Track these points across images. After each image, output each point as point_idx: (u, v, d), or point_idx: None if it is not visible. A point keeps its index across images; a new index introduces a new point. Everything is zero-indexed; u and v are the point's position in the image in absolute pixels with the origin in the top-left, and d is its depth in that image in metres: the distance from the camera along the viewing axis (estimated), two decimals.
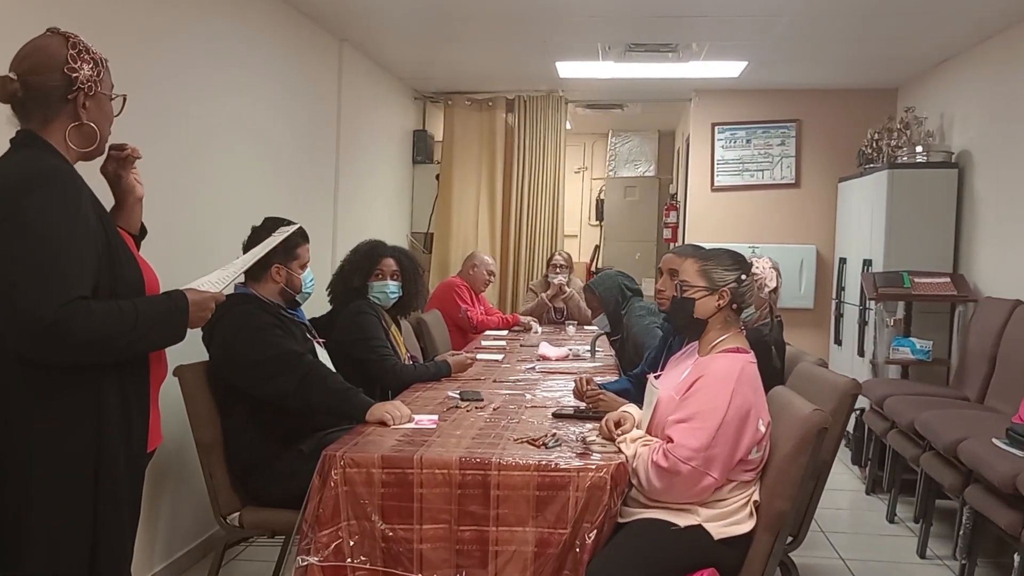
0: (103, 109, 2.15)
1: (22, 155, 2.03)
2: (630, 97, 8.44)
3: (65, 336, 1.91)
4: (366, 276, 4.24)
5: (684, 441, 2.58)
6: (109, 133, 2.19)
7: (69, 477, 2.02)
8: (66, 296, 1.91)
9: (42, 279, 1.90)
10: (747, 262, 2.90)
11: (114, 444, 2.08)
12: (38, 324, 1.89)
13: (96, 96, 2.10)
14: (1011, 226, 5.28)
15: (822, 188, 7.51)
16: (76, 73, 2.05)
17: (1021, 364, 4.53)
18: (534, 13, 5.32)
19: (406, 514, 2.61)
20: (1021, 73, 5.20)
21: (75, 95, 2.06)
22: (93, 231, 2.02)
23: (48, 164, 2.01)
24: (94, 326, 1.95)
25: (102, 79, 2.12)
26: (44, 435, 1.99)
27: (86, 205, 2.03)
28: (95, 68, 2.10)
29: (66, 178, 2.02)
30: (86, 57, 2.08)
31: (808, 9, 5.03)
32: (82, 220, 1.99)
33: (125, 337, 2.02)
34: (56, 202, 1.96)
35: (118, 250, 2.12)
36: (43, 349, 1.94)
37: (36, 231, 1.92)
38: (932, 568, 4.24)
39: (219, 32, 4.32)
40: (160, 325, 2.12)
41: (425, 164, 8.19)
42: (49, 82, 2.04)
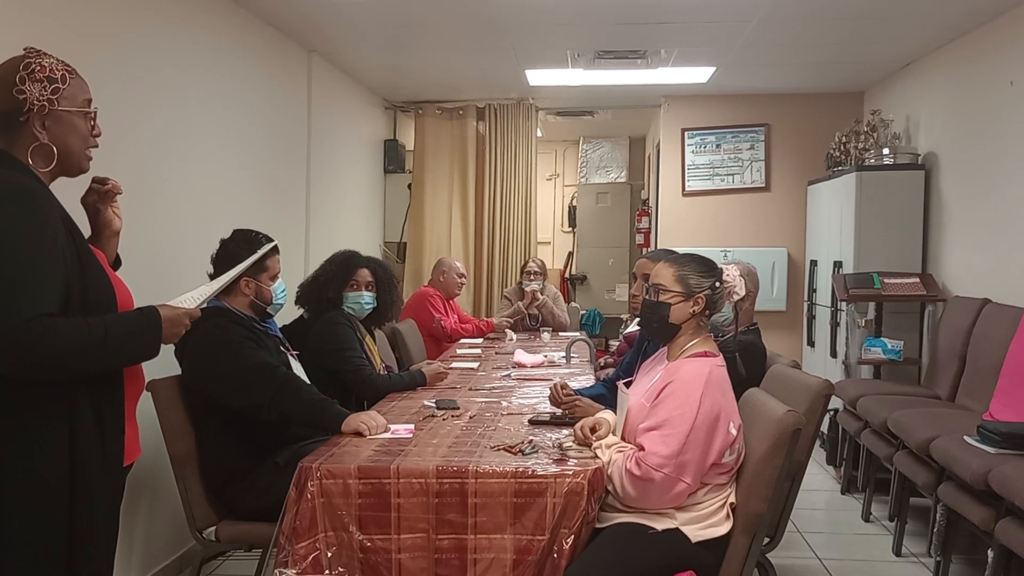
0: (66, 126, 2.11)
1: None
2: (600, 104, 8.48)
3: (31, 352, 1.90)
4: (341, 286, 4.23)
5: (655, 448, 2.58)
6: (83, 149, 2.17)
7: (43, 493, 2.00)
8: (30, 312, 1.90)
9: (6, 295, 1.89)
10: (720, 269, 2.92)
11: (89, 459, 2.06)
12: (3, 340, 1.88)
13: (54, 114, 2.08)
14: (977, 226, 5.35)
15: (792, 191, 7.57)
16: (24, 95, 2.04)
17: (990, 362, 4.58)
18: (502, 21, 5.33)
19: (384, 524, 2.60)
20: (984, 75, 5.28)
21: (26, 116, 2.05)
22: (62, 247, 2.01)
23: (15, 181, 1.99)
24: (60, 342, 1.94)
25: (61, 95, 2.09)
26: (16, 451, 1.97)
27: (55, 221, 2.01)
28: (49, 87, 2.06)
29: (33, 195, 2.00)
30: (38, 76, 2.05)
31: (774, 14, 5.07)
32: (49, 237, 1.98)
33: (94, 353, 2.01)
34: (21, 219, 1.95)
35: (89, 267, 2.11)
36: (8, 365, 1.92)
37: (3, 251, 1.91)
38: (908, 566, 4.28)
39: (187, 43, 4.30)
40: (131, 341, 2.11)
41: (397, 173, 8.18)
42: (3, 105, 2.04)
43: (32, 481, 1.99)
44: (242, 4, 4.89)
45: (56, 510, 2.02)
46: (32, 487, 1.99)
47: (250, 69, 5.07)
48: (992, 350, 4.60)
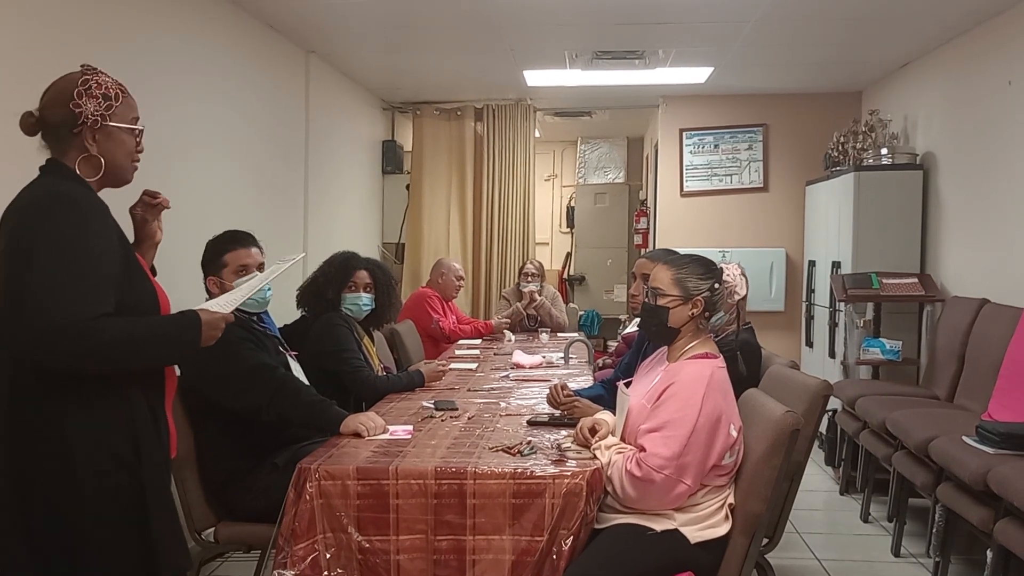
0: (114, 141, 2.23)
1: (49, 182, 2.17)
2: (598, 104, 8.48)
3: (88, 346, 2.01)
4: (339, 288, 4.22)
5: (656, 450, 2.58)
6: (129, 163, 2.30)
7: (118, 483, 2.11)
8: (96, 310, 2.03)
9: (72, 291, 2.01)
10: (719, 270, 2.91)
11: (152, 450, 2.19)
12: (64, 333, 1.98)
13: (104, 129, 2.20)
14: (976, 226, 5.35)
15: (790, 191, 7.57)
16: (80, 109, 2.17)
17: (989, 362, 4.58)
18: (500, 22, 5.33)
19: (382, 525, 2.60)
20: (981, 75, 5.28)
21: (80, 129, 2.18)
22: (113, 251, 2.14)
23: (68, 187, 2.14)
24: (110, 340, 2.04)
25: (113, 113, 2.22)
26: (86, 441, 2.08)
27: (106, 227, 2.15)
28: (103, 103, 2.20)
29: (86, 201, 2.14)
30: (94, 93, 2.19)
31: (772, 14, 5.07)
32: (104, 240, 2.12)
33: (142, 350, 2.13)
34: (78, 222, 2.08)
35: (135, 271, 2.23)
36: (65, 357, 2.02)
37: (65, 248, 2.04)
38: (907, 566, 4.27)
39: (185, 44, 4.30)
40: (172, 341, 2.21)
41: (395, 174, 8.18)
42: (58, 117, 2.18)
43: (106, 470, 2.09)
44: (240, 5, 4.89)
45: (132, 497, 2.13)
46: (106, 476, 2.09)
47: (248, 70, 5.07)
48: (991, 350, 4.60)
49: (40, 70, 3.23)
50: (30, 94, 3.23)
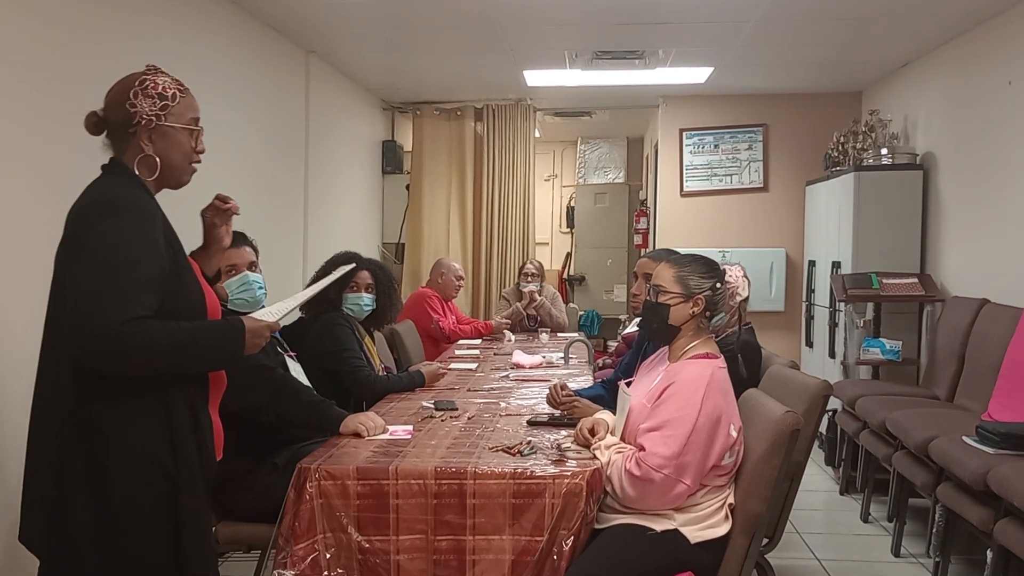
0: (170, 141, 2.25)
1: (106, 182, 2.21)
2: (598, 104, 8.48)
3: (124, 349, 2.02)
4: (341, 288, 4.22)
5: (656, 449, 2.58)
6: (186, 164, 2.32)
7: (150, 481, 2.12)
8: (130, 314, 2.03)
9: (108, 296, 2.02)
10: (721, 270, 2.91)
11: (188, 450, 2.19)
12: (101, 336, 2.00)
13: (159, 129, 2.22)
14: (976, 226, 5.35)
15: (790, 191, 7.57)
16: (135, 109, 2.20)
17: (989, 362, 4.58)
18: (500, 22, 5.33)
19: (382, 525, 2.60)
20: (981, 75, 5.28)
21: (135, 129, 2.20)
22: (161, 255, 2.15)
23: (124, 193, 2.16)
24: (151, 343, 2.06)
25: (169, 113, 2.24)
26: (121, 440, 2.09)
27: (157, 230, 2.17)
28: (158, 103, 2.22)
29: (140, 205, 2.17)
30: (150, 93, 2.22)
31: (771, 14, 5.07)
32: (151, 244, 2.13)
33: (180, 356, 2.13)
34: (127, 226, 2.11)
35: (185, 275, 2.24)
36: (104, 360, 2.04)
37: (107, 255, 2.06)
38: (907, 566, 4.27)
39: (184, 44, 4.30)
40: (215, 348, 2.22)
41: (395, 174, 8.18)
42: (116, 117, 2.22)
43: (138, 467, 2.10)
44: (240, 5, 4.88)
45: (163, 496, 2.13)
46: (139, 473, 2.10)
47: (248, 70, 5.07)
48: (991, 350, 4.60)
49: (40, 70, 3.24)
50: (30, 94, 3.24)
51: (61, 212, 2.17)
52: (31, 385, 2.18)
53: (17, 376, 2.95)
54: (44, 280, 2.15)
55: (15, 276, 3.09)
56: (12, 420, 2.94)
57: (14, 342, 3.04)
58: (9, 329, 3.06)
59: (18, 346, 3.00)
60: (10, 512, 2.96)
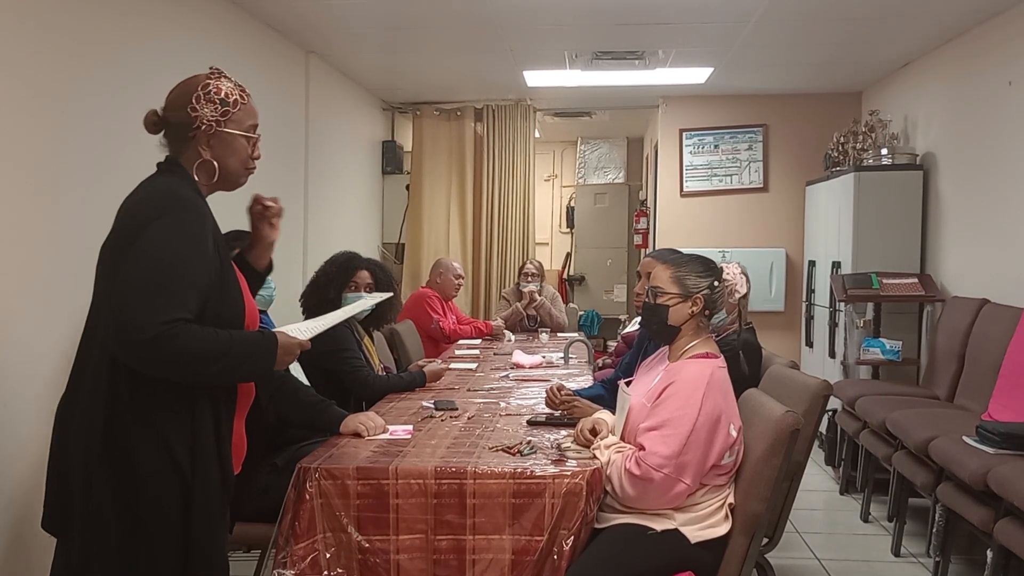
0: (229, 146, 2.27)
1: (161, 181, 2.22)
2: (598, 104, 8.48)
3: (160, 349, 2.02)
4: (340, 288, 4.22)
5: (656, 448, 2.58)
6: (243, 169, 2.35)
7: (167, 488, 2.10)
8: (169, 315, 2.02)
9: (152, 294, 2.03)
10: (719, 268, 2.92)
11: (208, 460, 2.16)
12: (140, 336, 2.00)
13: (219, 135, 2.24)
14: (976, 226, 5.35)
15: (790, 192, 7.57)
16: (196, 113, 2.21)
17: (989, 362, 4.58)
18: (500, 22, 5.33)
19: (382, 525, 2.60)
20: (981, 75, 5.28)
21: (195, 133, 2.22)
22: (208, 260, 2.15)
23: (179, 193, 2.17)
24: (189, 348, 2.05)
25: (230, 119, 2.25)
26: (144, 442, 2.08)
27: (206, 235, 2.17)
28: (220, 108, 2.23)
29: (192, 208, 2.17)
30: (213, 98, 2.23)
31: (771, 15, 5.07)
32: (199, 249, 2.14)
33: (215, 365, 2.12)
34: (181, 226, 2.11)
35: (228, 283, 2.24)
36: (138, 358, 2.04)
37: (155, 254, 2.06)
38: (907, 566, 4.27)
39: (184, 44, 4.29)
40: (249, 359, 2.20)
41: (395, 175, 8.18)
42: (176, 118, 2.23)
43: (158, 472, 2.09)
44: (240, 5, 4.88)
45: (177, 503, 2.12)
46: (157, 478, 2.09)
47: (248, 70, 5.05)
48: (991, 350, 4.60)
49: (40, 70, 3.24)
50: (30, 95, 3.24)
51: (57, 211, 2.16)
52: (26, 383, 2.17)
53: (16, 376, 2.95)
54: (38, 278, 2.14)
55: (10, 276, 3.08)
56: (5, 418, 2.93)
57: (8, 342, 3.03)
58: (5, 329, 3.05)
59: (11, 347, 3.00)
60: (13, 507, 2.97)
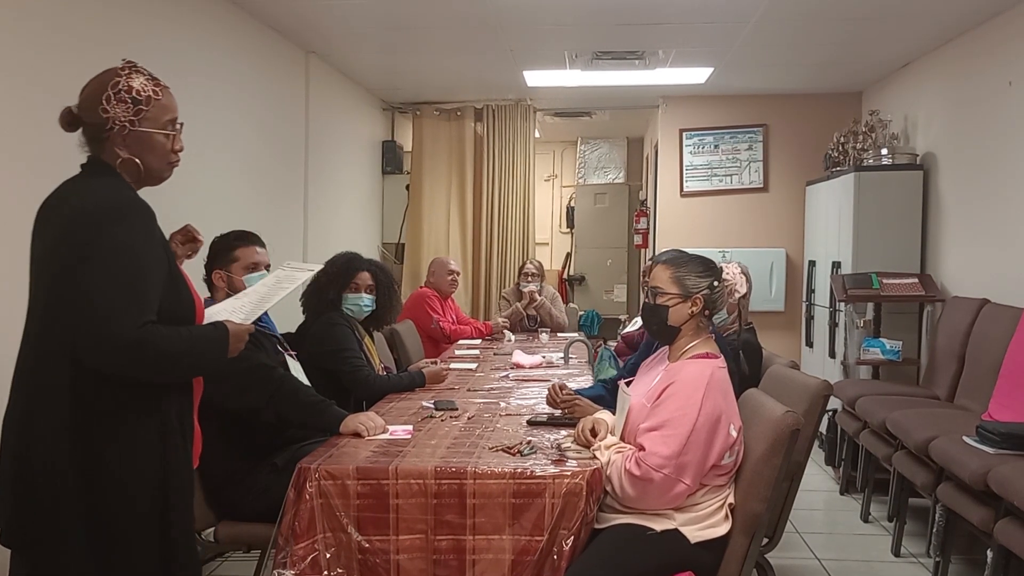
0: (146, 145, 2.20)
1: (102, 183, 2.15)
2: (598, 104, 8.49)
3: (142, 353, 2.03)
4: (341, 288, 4.22)
5: (655, 449, 2.58)
6: (165, 164, 2.27)
7: (143, 491, 2.10)
8: (144, 318, 2.04)
9: (127, 300, 2.02)
10: (718, 268, 2.91)
11: (179, 461, 2.18)
12: (119, 340, 2.00)
13: (134, 134, 2.17)
14: (976, 226, 5.35)
15: (790, 192, 7.57)
16: (108, 114, 2.14)
17: (989, 362, 4.58)
18: (500, 22, 5.33)
19: (382, 525, 2.60)
20: (982, 75, 5.28)
21: (109, 134, 2.15)
22: (163, 259, 2.16)
23: (126, 195, 2.15)
24: (164, 346, 2.07)
25: (144, 117, 2.17)
26: (118, 450, 2.08)
27: (157, 233, 2.17)
28: (132, 108, 2.15)
29: (143, 209, 2.15)
30: (124, 97, 2.14)
31: (771, 15, 5.07)
32: (158, 248, 2.15)
33: (186, 360, 2.15)
34: (138, 231, 2.10)
35: (178, 280, 2.24)
36: (118, 364, 2.04)
37: (122, 259, 2.04)
38: (907, 566, 4.27)
39: (184, 44, 4.30)
40: (209, 352, 2.23)
41: (395, 174, 8.18)
42: (90, 119, 2.16)
43: (134, 479, 2.09)
44: (240, 5, 4.89)
45: (154, 509, 2.13)
46: (133, 485, 2.09)
47: (248, 70, 5.07)
48: (991, 350, 4.60)
49: (40, 71, 3.24)
50: (31, 95, 3.24)
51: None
52: None
53: None
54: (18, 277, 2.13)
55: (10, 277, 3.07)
56: None
57: None
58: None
59: None
60: None
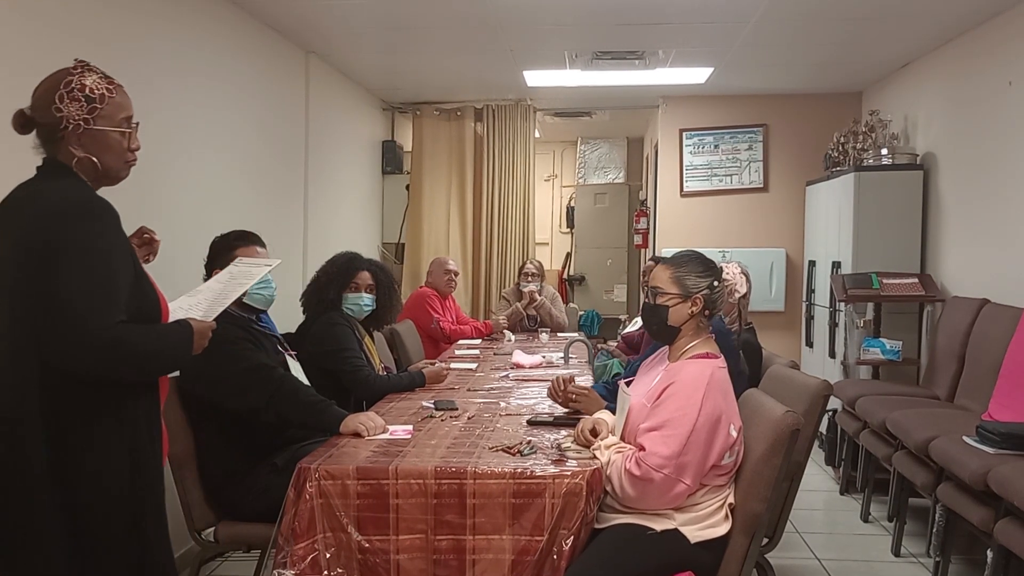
0: (102, 143, 2.18)
1: (64, 184, 2.13)
2: (598, 104, 8.48)
3: (116, 353, 2.05)
4: (341, 288, 4.22)
5: (656, 449, 2.58)
6: (121, 163, 2.25)
7: (112, 490, 2.11)
8: (116, 318, 2.05)
9: (101, 300, 2.03)
10: (718, 268, 2.91)
11: (147, 459, 2.20)
12: (95, 340, 2.01)
13: (89, 133, 2.15)
14: (976, 226, 5.35)
15: (790, 192, 7.57)
16: (62, 113, 2.12)
17: (989, 362, 4.58)
18: (500, 22, 5.33)
19: (382, 525, 2.60)
20: (982, 75, 5.28)
21: (64, 134, 2.14)
22: (127, 258, 2.16)
23: (89, 197, 2.13)
24: (134, 348, 2.09)
25: (98, 115, 2.15)
26: (85, 451, 2.09)
27: (121, 233, 2.17)
28: (86, 106, 2.13)
29: (108, 210, 2.13)
30: (76, 96, 2.13)
31: (771, 15, 5.07)
32: (118, 247, 2.14)
33: (157, 358, 2.17)
34: (105, 230, 2.10)
35: (143, 279, 2.24)
36: (93, 364, 2.04)
37: (93, 260, 2.05)
38: (907, 566, 4.27)
39: (184, 44, 4.29)
40: (175, 349, 2.22)
41: (395, 174, 8.18)
42: (43, 119, 2.14)
43: (103, 479, 2.10)
44: (240, 5, 4.88)
45: (124, 507, 2.14)
46: (102, 485, 2.10)
47: (248, 70, 5.07)
48: (991, 350, 4.60)
49: (40, 71, 3.24)
50: (28, 95, 3.23)
51: None
52: None
53: None
54: None
55: None
56: None
57: None
58: None
59: None
60: None
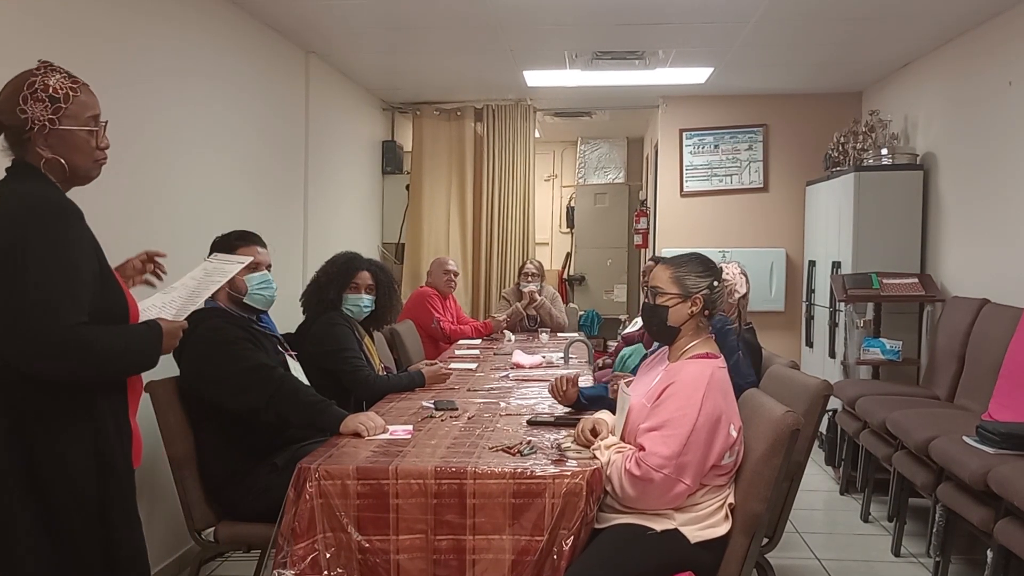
0: (69, 143, 2.17)
1: (28, 187, 2.12)
2: (598, 104, 8.48)
3: (76, 354, 2.05)
4: (341, 288, 4.22)
5: (656, 449, 2.58)
6: (91, 162, 2.24)
7: (78, 492, 2.11)
8: (75, 319, 2.04)
9: (55, 304, 2.02)
10: (718, 268, 2.91)
11: (112, 459, 2.19)
12: (56, 340, 2.01)
13: (56, 133, 2.14)
14: (976, 226, 5.35)
15: (790, 192, 7.57)
16: (27, 115, 2.11)
17: (989, 362, 4.58)
18: (500, 22, 5.33)
19: (382, 525, 2.60)
20: (982, 75, 5.28)
21: (30, 135, 2.13)
22: (90, 258, 2.15)
23: (52, 198, 2.12)
24: (95, 350, 2.08)
25: (64, 115, 2.15)
26: (50, 453, 2.08)
27: (85, 233, 2.15)
28: (50, 106, 2.12)
29: (71, 211, 2.13)
30: (41, 96, 2.12)
31: (771, 15, 5.07)
32: (80, 248, 2.12)
33: (118, 361, 2.16)
34: (71, 230, 2.10)
35: (109, 279, 2.22)
36: (54, 364, 2.04)
37: (58, 257, 2.04)
38: (907, 566, 4.27)
39: (184, 44, 4.29)
40: (142, 352, 2.22)
41: (395, 174, 8.18)
42: (9, 121, 2.13)
43: (69, 481, 2.10)
44: (240, 5, 4.88)
45: (90, 508, 2.13)
46: (68, 487, 2.10)
47: (248, 70, 5.07)
48: (991, 350, 4.60)
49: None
50: None
51: None
52: None
53: None
54: None
55: None
56: None
57: None
58: None
59: None
60: None
